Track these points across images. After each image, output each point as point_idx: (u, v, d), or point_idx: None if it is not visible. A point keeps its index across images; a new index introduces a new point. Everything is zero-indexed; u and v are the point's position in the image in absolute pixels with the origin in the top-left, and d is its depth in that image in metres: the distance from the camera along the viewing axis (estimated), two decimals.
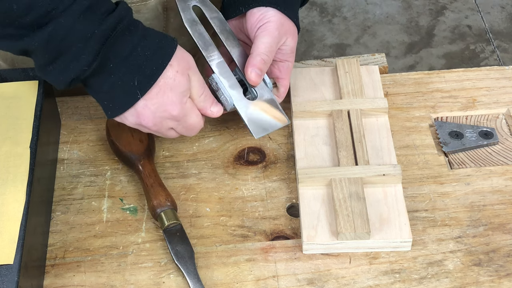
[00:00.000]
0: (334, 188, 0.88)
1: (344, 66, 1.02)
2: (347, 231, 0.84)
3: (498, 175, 0.93)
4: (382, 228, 0.85)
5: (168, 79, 0.82)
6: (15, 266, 0.76)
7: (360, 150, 0.92)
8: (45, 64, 0.79)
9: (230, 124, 0.99)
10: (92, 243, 0.88)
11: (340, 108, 0.97)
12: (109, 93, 0.81)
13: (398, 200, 0.88)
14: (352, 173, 0.89)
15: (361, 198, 0.86)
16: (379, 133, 0.96)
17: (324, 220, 0.87)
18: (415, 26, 2.59)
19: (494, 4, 2.68)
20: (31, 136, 0.87)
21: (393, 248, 0.85)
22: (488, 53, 2.51)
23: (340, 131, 0.94)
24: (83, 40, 0.76)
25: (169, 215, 0.87)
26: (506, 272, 0.84)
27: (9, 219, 0.80)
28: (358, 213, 0.85)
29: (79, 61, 0.77)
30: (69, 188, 0.93)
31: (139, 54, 0.80)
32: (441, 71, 1.06)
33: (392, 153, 0.93)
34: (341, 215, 0.85)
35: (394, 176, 0.89)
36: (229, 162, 0.96)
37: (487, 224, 0.88)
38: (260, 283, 0.84)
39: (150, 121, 0.83)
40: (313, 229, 0.86)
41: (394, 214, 0.87)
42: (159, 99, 0.82)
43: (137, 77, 0.80)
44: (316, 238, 0.85)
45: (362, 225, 0.84)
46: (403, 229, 0.85)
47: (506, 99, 1.01)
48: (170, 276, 0.85)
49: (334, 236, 0.85)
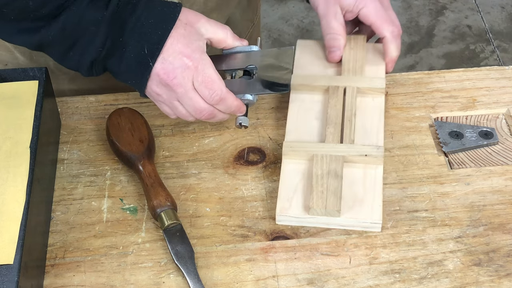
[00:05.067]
0: (315, 164, 0.89)
1: (350, 42, 1.02)
2: (318, 207, 0.85)
3: (498, 175, 0.93)
4: (354, 207, 0.87)
5: (180, 28, 0.85)
6: (15, 266, 0.76)
7: (347, 128, 0.92)
8: (65, 52, 0.84)
9: (230, 124, 0.99)
10: (92, 243, 0.88)
11: (337, 84, 0.97)
12: (128, 69, 0.85)
13: (376, 182, 0.89)
14: (334, 151, 0.90)
15: (339, 176, 0.87)
16: (371, 113, 0.96)
17: (300, 194, 0.88)
18: (415, 26, 2.59)
19: (494, 4, 2.68)
20: (31, 136, 0.87)
21: (363, 228, 0.87)
22: (488, 53, 2.51)
23: (332, 107, 0.95)
24: (95, 24, 0.82)
25: (169, 215, 0.87)
26: (506, 272, 0.84)
27: (9, 219, 0.80)
28: (333, 191, 0.86)
29: (94, 43, 0.83)
30: (69, 188, 0.93)
31: (143, 23, 0.83)
32: (441, 71, 1.06)
33: (380, 134, 0.93)
34: (315, 191, 0.86)
35: (375, 157, 0.89)
36: (229, 162, 0.96)
37: (487, 224, 0.88)
38: (260, 283, 0.84)
39: (173, 74, 0.84)
40: (287, 201, 0.88)
41: (369, 195, 0.88)
42: (174, 48, 0.84)
43: (146, 45, 0.83)
44: (289, 210, 0.87)
45: (334, 203, 0.85)
46: (374, 210, 0.86)
47: (506, 99, 1.01)
48: (170, 276, 0.85)
49: (306, 210, 0.87)
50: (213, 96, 0.86)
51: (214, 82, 0.86)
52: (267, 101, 1.02)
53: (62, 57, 0.85)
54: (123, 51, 0.84)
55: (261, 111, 1.01)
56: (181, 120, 1.00)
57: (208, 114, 0.88)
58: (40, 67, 0.94)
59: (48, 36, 0.82)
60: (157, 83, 0.86)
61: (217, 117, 0.90)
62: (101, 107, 1.03)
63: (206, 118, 0.89)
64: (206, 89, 0.86)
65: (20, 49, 1.04)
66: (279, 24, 2.64)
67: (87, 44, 0.83)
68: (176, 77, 0.85)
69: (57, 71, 1.04)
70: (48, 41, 0.83)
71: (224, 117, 0.90)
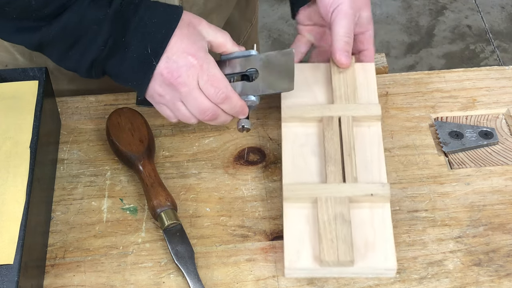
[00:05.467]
0: (319, 208, 0.84)
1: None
2: (330, 258, 0.80)
3: (498, 175, 0.93)
4: (367, 254, 0.82)
5: (184, 28, 0.85)
6: (15, 266, 0.76)
7: (349, 165, 0.87)
8: (65, 51, 0.83)
9: (230, 124, 0.99)
10: (92, 243, 0.88)
11: (331, 114, 0.92)
12: (130, 70, 0.85)
13: (385, 222, 0.84)
14: (338, 192, 0.85)
15: (347, 221, 0.82)
16: (370, 143, 0.91)
17: (307, 242, 0.83)
18: (415, 26, 2.59)
19: (494, 4, 2.68)
20: (31, 136, 0.87)
21: (377, 275, 0.83)
22: (488, 53, 2.51)
23: (329, 141, 0.89)
24: (97, 22, 0.81)
25: (169, 215, 0.87)
26: (506, 272, 0.84)
27: (9, 219, 0.80)
28: (343, 239, 0.81)
29: (96, 41, 0.82)
30: (69, 188, 0.93)
31: (147, 23, 0.83)
32: (441, 71, 1.06)
33: (383, 168, 0.88)
34: (324, 239, 0.81)
35: (382, 196, 0.85)
36: (229, 162, 0.96)
37: (487, 224, 0.88)
38: (260, 283, 0.84)
39: (177, 73, 0.84)
40: (295, 253, 0.82)
41: (380, 238, 0.83)
42: (178, 47, 0.84)
43: (149, 44, 0.83)
44: (298, 263, 0.82)
45: (346, 252, 0.80)
46: (388, 256, 0.82)
47: (506, 99, 1.01)
48: (170, 276, 0.85)
49: (316, 261, 0.82)
50: (219, 94, 0.86)
51: (219, 80, 0.86)
52: (267, 101, 1.02)
53: (62, 56, 0.85)
54: (125, 51, 0.84)
55: (261, 111, 1.01)
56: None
57: (212, 115, 0.87)
58: (40, 67, 0.94)
59: (49, 34, 0.82)
60: (160, 83, 0.85)
61: (220, 118, 0.89)
62: (101, 107, 1.03)
63: (209, 119, 0.88)
64: (212, 87, 0.85)
65: (19, 50, 1.04)
66: (279, 24, 2.64)
67: (88, 43, 0.82)
68: (181, 75, 0.84)
69: (56, 72, 1.04)
70: (48, 39, 0.82)
71: (226, 119, 0.90)
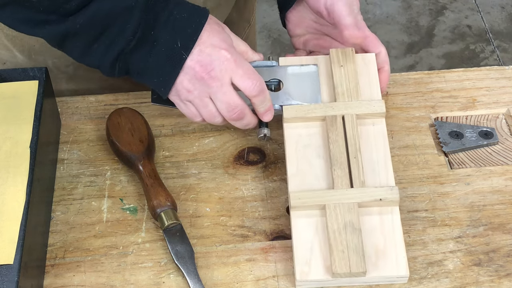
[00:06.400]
0: (328, 217, 0.82)
1: (338, 57, 0.94)
2: (342, 270, 0.79)
3: (498, 175, 0.93)
4: (378, 263, 0.81)
5: (213, 24, 0.84)
6: (15, 266, 0.76)
7: (355, 168, 0.85)
8: (90, 44, 0.81)
9: (230, 124, 0.99)
10: (92, 243, 0.88)
11: (334, 113, 0.89)
12: (156, 65, 0.83)
13: (395, 227, 0.83)
14: (346, 198, 0.83)
15: (357, 229, 0.81)
16: (375, 142, 0.89)
17: (317, 253, 0.82)
18: (415, 26, 2.59)
19: (494, 4, 2.68)
20: (31, 136, 0.87)
21: (389, 282, 0.82)
22: (488, 53, 2.51)
23: (334, 143, 0.87)
24: (128, 10, 0.79)
25: (169, 215, 0.87)
26: (506, 272, 0.84)
27: (9, 219, 0.80)
28: (354, 249, 0.80)
29: (125, 31, 0.80)
30: (69, 188, 0.93)
31: (176, 17, 0.82)
32: (441, 71, 1.06)
33: (390, 169, 0.87)
34: (335, 250, 0.80)
35: (391, 200, 0.84)
36: (229, 162, 0.96)
37: (487, 224, 0.88)
38: (260, 283, 0.84)
39: (210, 66, 0.83)
40: (306, 264, 0.81)
41: (390, 245, 0.82)
42: (210, 41, 0.83)
43: (179, 39, 0.82)
44: (309, 275, 0.81)
45: (357, 263, 0.79)
46: (400, 264, 0.81)
47: (506, 99, 1.01)
48: (170, 276, 0.85)
49: (328, 272, 0.81)
50: (256, 85, 0.85)
51: (255, 73, 0.85)
52: None
53: (85, 50, 0.83)
54: (154, 45, 0.82)
55: None
56: (181, 120, 1.00)
57: (240, 112, 0.86)
58: (40, 67, 0.94)
59: (75, 24, 0.79)
60: (191, 77, 0.83)
61: (246, 118, 0.88)
62: (101, 107, 1.03)
63: (236, 117, 0.87)
64: (249, 79, 0.85)
65: (19, 48, 1.04)
66: (279, 24, 2.62)
67: (117, 33, 0.80)
68: (214, 69, 0.83)
69: (55, 70, 1.04)
70: (74, 31, 0.80)
71: (251, 120, 0.89)
